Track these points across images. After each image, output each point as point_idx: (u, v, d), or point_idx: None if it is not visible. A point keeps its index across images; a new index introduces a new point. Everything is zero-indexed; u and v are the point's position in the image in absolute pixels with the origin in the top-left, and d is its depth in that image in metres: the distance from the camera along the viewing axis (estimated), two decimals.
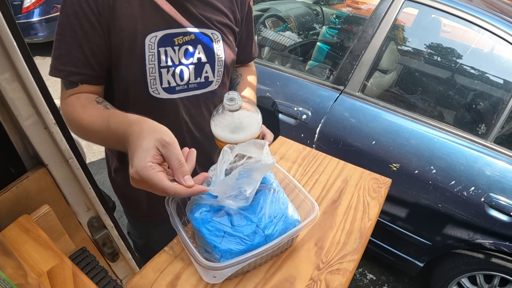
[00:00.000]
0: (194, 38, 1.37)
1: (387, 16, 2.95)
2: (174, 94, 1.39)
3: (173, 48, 1.34)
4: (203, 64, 1.42)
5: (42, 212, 1.02)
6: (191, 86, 1.42)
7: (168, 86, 1.37)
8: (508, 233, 2.62)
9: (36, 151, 1.02)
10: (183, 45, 1.35)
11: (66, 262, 0.89)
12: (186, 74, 1.39)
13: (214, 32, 1.42)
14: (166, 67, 1.34)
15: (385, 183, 1.32)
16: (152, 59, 1.30)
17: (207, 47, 1.40)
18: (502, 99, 2.77)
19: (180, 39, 1.34)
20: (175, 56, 1.35)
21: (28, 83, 0.91)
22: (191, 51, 1.38)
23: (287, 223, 0.97)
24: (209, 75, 1.45)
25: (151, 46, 1.29)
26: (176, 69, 1.36)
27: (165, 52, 1.32)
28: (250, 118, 1.19)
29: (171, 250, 1.02)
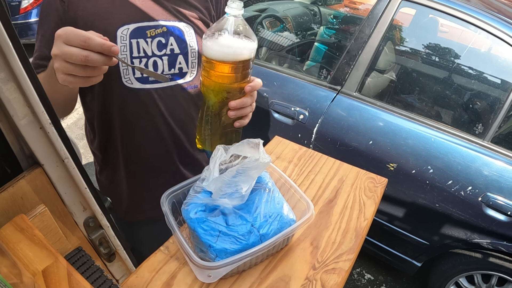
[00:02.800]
0: (166, 30, 1.41)
1: (384, 16, 2.96)
2: (148, 84, 1.42)
3: (145, 40, 1.38)
4: (176, 55, 1.44)
5: (38, 212, 1.02)
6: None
7: (141, 76, 1.41)
8: (505, 232, 2.62)
9: (32, 151, 1.02)
10: (156, 37, 1.39)
11: (60, 261, 0.89)
12: (159, 66, 1.42)
13: (186, 25, 1.45)
14: (138, 57, 1.38)
15: (381, 182, 1.32)
16: (124, 49, 1.35)
17: (179, 39, 1.44)
18: (499, 99, 2.78)
19: (152, 31, 1.38)
20: (147, 48, 1.38)
21: (24, 83, 0.91)
22: (164, 43, 1.41)
23: (282, 223, 0.97)
24: (183, 66, 1.47)
25: (123, 38, 1.34)
26: (149, 60, 1.40)
27: (137, 43, 1.36)
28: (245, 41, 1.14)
29: (166, 249, 1.02)
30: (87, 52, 0.95)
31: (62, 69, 0.99)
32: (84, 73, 0.99)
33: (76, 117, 5.89)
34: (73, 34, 0.94)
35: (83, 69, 0.98)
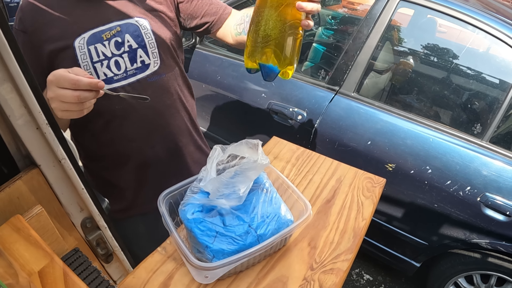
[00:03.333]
0: (120, 29, 1.47)
1: (382, 16, 2.96)
2: (114, 84, 1.49)
3: (103, 43, 1.45)
4: (135, 50, 1.49)
5: (35, 213, 1.02)
6: (130, 73, 1.51)
7: (106, 77, 1.47)
8: (504, 232, 2.62)
9: (29, 151, 1.02)
10: (112, 38, 1.46)
11: (56, 261, 0.89)
12: (122, 64, 1.48)
13: (139, 19, 1.50)
14: (99, 61, 1.45)
15: (379, 182, 1.32)
16: (83, 57, 1.43)
17: (134, 34, 1.49)
18: (498, 99, 2.78)
19: (108, 33, 1.45)
20: (106, 50, 1.46)
21: (20, 83, 0.91)
22: (120, 41, 1.47)
23: (279, 223, 0.97)
24: (144, 58, 1.52)
25: (81, 47, 1.42)
26: (110, 61, 1.47)
27: (95, 49, 1.44)
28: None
29: (163, 250, 1.02)
30: (78, 92, 1.10)
31: (59, 107, 1.14)
32: (78, 108, 1.14)
33: None
34: (63, 79, 1.08)
35: (77, 105, 1.13)
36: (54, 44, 1.41)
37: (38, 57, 1.44)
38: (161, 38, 1.56)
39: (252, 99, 3.31)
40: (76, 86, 1.08)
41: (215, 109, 3.67)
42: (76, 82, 1.08)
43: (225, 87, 3.50)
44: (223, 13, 1.73)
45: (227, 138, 3.73)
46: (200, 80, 3.59)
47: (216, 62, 3.57)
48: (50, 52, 1.42)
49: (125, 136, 1.58)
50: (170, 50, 1.61)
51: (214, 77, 3.55)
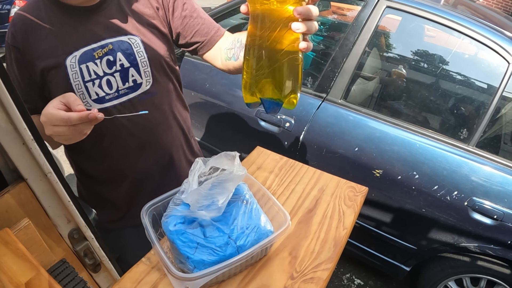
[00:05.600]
0: (112, 48, 1.45)
1: (369, 22, 2.99)
2: (105, 103, 1.48)
3: (94, 62, 1.44)
4: (127, 69, 1.48)
5: (22, 226, 1.04)
6: (122, 92, 1.50)
7: (97, 97, 1.47)
8: (492, 236, 2.65)
9: (16, 166, 1.04)
10: (104, 56, 1.44)
11: (42, 273, 0.91)
12: (113, 83, 1.47)
13: (131, 37, 1.48)
14: (90, 80, 1.44)
15: (361, 191, 1.34)
16: (75, 76, 1.42)
17: (126, 53, 1.47)
18: (484, 104, 2.81)
19: (99, 52, 1.44)
20: (98, 69, 1.44)
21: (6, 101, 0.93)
22: (112, 60, 1.45)
23: (259, 234, 0.99)
24: (136, 78, 1.50)
25: (72, 66, 1.41)
26: (102, 80, 1.46)
27: (86, 67, 1.43)
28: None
29: (148, 260, 1.04)
30: (73, 127, 1.15)
31: (61, 139, 1.22)
32: (79, 136, 1.21)
33: None
34: (54, 118, 1.13)
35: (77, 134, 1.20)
36: (45, 62, 1.41)
37: (31, 73, 1.44)
38: (153, 56, 1.54)
39: (240, 107, 3.33)
40: (68, 123, 1.13)
41: (204, 116, 3.68)
42: (67, 120, 1.12)
43: (214, 95, 3.52)
44: (215, 34, 1.66)
45: (217, 146, 3.74)
46: (189, 88, 3.60)
47: (205, 70, 3.59)
48: (42, 69, 1.42)
49: (116, 153, 1.58)
50: (163, 67, 1.59)
51: (203, 85, 3.56)
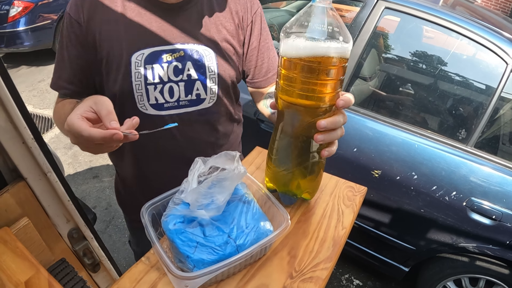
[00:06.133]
0: (183, 54, 1.38)
1: (367, 24, 2.99)
2: (163, 111, 1.41)
3: (161, 65, 1.36)
4: (193, 81, 1.41)
5: (22, 225, 1.04)
6: (182, 104, 1.43)
7: (156, 102, 1.39)
8: (490, 236, 2.66)
9: (15, 164, 1.05)
10: (172, 62, 1.37)
11: (42, 272, 0.92)
12: (176, 92, 1.40)
13: (206, 49, 1.41)
14: (153, 84, 1.36)
15: (360, 191, 1.34)
16: (138, 76, 1.34)
17: (197, 64, 1.40)
18: (482, 105, 2.81)
19: (169, 56, 1.36)
20: (163, 73, 1.37)
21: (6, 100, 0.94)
22: (180, 68, 1.38)
23: (259, 233, 1.00)
24: (201, 92, 1.44)
25: (138, 64, 1.33)
26: (164, 86, 1.38)
27: (152, 69, 1.35)
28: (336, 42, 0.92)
29: (147, 260, 1.04)
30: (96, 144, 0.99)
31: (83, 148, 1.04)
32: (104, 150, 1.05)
33: None
34: (77, 133, 0.95)
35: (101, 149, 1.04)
36: (109, 50, 1.34)
37: (89, 55, 1.37)
38: (224, 75, 1.46)
39: None
40: (92, 141, 0.96)
41: None
42: (89, 138, 0.95)
43: None
44: (269, 78, 1.61)
45: None
46: None
47: None
48: (103, 57, 1.36)
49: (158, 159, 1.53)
50: (229, 88, 1.52)
51: None
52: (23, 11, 7.76)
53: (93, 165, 5.02)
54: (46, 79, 7.64)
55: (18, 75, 7.81)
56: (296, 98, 0.97)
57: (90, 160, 5.09)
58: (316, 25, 0.91)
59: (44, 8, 8.12)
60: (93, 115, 0.99)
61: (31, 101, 6.71)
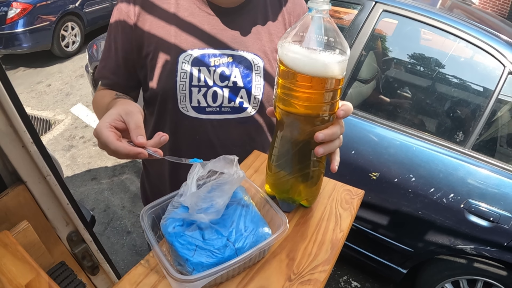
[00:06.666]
0: (231, 60, 1.37)
1: (365, 26, 3.01)
2: (203, 115, 1.40)
3: (208, 69, 1.35)
4: (238, 88, 1.40)
5: (21, 228, 1.05)
6: (224, 110, 1.42)
7: (198, 105, 1.39)
8: (488, 238, 2.67)
9: (15, 168, 1.05)
10: (220, 66, 1.36)
11: (42, 275, 0.92)
12: (219, 97, 1.39)
13: (255, 58, 1.39)
14: (197, 86, 1.36)
15: (358, 194, 1.35)
16: (183, 76, 1.34)
17: (244, 72, 1.39)
18: (479, 107, 2.82)
19: (217, 60, 1.35)
20: (209, 77, 1.36)
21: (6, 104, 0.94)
22: (227, 74, 1.37)
23: (257, 236, 1.00)
24: (244, 101, 1.43)
25: (184, 64, 1.33)
26: (209, 90, 1.37)
27: (198, 71, 1.34)
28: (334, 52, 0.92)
29: (147, 263, 1.05)
30: None
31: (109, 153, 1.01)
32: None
33: (63, 128, 5.90)
34: (104, 143, 0.96)
35: None
36: (157, 46, 1.34)
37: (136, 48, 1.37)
38: (269, 86, 1.45)
39: None
40: (114, 154, 0.97)
41: None
42: (114, 151, 0.96)
43: None
44: None
45: None
46: None
47: None
48: (149, 52, 1.36)
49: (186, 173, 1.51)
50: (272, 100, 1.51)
51: None
52: (21, 12, 7.77)
53: (92, 167, 5.02)
54: (44, 80, 7.65)
55: (16, 77, 7.82)
56: (294, 108, 0.98)
57: (89, 162, 5.10)
58: (312, 35, 0.92)
59: (42, 10, 8.13)
60: (121, 125, 1.00)
61: (29, 103, 6.72)
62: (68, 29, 8.85)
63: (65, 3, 8.64)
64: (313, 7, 0.90)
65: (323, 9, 0.91)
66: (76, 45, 9.14)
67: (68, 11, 8.72)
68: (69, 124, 5.99)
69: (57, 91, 7.17)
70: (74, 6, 8.88)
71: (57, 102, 6.78)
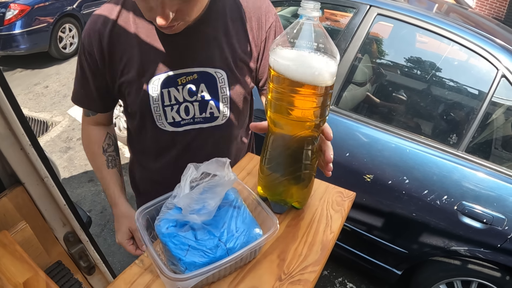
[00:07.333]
0: (197, 77, 1.42)
1: (360, 29, 3.02)
2: (180, 127, 1.49)
3: (176, 88, 1.41)
4: (207, 101, 1.47)
5: (19, 228, 1.07)
6: (197, 120, 1.50)
7: (173, 121, 1.47)
8: (482, 239, 2.68)
9: (14, 170, 1.07)
10: (187, 84, 1.42)
11: (40, 274, 0.95)
12: (191, 110, 1.47)
13: (218, 71, 1.44)
14: (170, 105, 1.43)
15: (349, 196, 1.36)
16: (156, 99, 1.41)
17: (210, 85, 1.44)
18: (473, 109, 2.84)
19: (183, 79, 1.41)
20: (179, 95, 1.43)
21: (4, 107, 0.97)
22: (194, 90, 1.43)
23: (248, 237, 1.03)
24: (214, 111, 1.49)
25: (155, 88, 1.39)
26: (180, 106, 1.44)
27: (168, 93, 1.41)
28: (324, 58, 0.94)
29: (141, 263, 1.07)
30: None
31: None
32: None
33: (60, 130, 5.90)
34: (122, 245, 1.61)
35: None
36: (128, 76, 1.40)
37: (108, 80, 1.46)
38: (235, 95, 1.51)
39: None
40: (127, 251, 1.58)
41: None
42: (128, 251, 1.59)
43: None
44: None
45: None
46: None
47: None
48: (123, 82, 1.42)
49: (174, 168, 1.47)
50: (241, 104, 1.57)
51: None
52: (19, 14, 7.77)
53: (88, 169, 5.03)
54: (42, 82, 7.65)
55: (14, 78, 7.82)
56: (285, 112, 1.00)
57: (85, 164, 5.10)
58: (303, 41, 0.94)
59: (40, 11, 8.13)
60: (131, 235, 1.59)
61: (26, 104, 6.72)
62: (66, 31, 8.85)
63: (63, 4, 8.64)
64: (304, 14, 0.93)
65: (313, 16, 0.93)
66: (73, 47, 9.13)
67: (65, 13, 8.71)
68: (66, 125, 5.99)
69: (54, 93, 7.17)
70: (72, 7, 8.88)
71: (55, 103, 6.78)
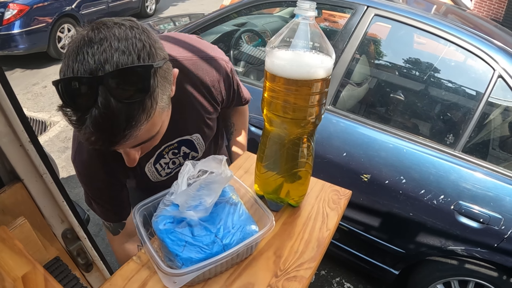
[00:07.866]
0: (176, 145, 1.52)
1: (357, 30, 3.03)
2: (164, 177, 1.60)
3: (163, 157, 1.51)
4: (188, 153, 1.60)
5: (18, 224, 1.08)
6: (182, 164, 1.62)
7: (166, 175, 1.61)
8: (478, 239, 2.68)
9: (13, 166, 1.08)
10: (170, 151, 1.52)
11: (38, 268, 0.96)
12: (177, 161, 1.59)
13: (194, 135, 1.55)
14: (162, 169, 1.55)
15: (345, 194, 1.38)
16: (153, 175, 1.54)
17: (189, 145, 1.57)
18: (470, 110, 2.85)
19: (167, 149, 1.50)
20: (166, 160, 1.54)
21: (4, 104, 0.98)
22: (177, 152, 1.55)
23: (244, 233, 1.04)
24: (195, 155, 1.64)
25: (150, 169, 1.50)
26: (169, 164, 1.57)
27: (159, 164, 1.52)
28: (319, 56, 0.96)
29: (138, 259, 1.08)
30: None
31: None
32: None
33: (58, 130, 5.89)
34: None
35: None
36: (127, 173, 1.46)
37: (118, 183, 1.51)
38: (209, 140, 1.65)
39: None
40: None
41: None
42: None
43: None
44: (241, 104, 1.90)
45: None
46: None
47: None
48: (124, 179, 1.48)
49: None
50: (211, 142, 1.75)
51: None
52: (18, 14, 7.77)
53: None
54: (40, 82, 7.64)
55: (13, 78, 7.80)
56: (280, 111, 1.01)
57: None
58: (298, 41, 0.95)
59: (39, 11, 8.12)
60: None
61: (25, 104, 6.70)
62: (65, 31, 8.83)
63: (61, 4, 8.63)
64: (300, 13, 0.94)
65: (309, 16, 0.94)
66: None
67: (64, 13, 8.70)
68: (64, 125, 5.98)
69: (53, 93, 7.14)
70: (71, 8, 8.87)
71: (53, 103, 6.77)
